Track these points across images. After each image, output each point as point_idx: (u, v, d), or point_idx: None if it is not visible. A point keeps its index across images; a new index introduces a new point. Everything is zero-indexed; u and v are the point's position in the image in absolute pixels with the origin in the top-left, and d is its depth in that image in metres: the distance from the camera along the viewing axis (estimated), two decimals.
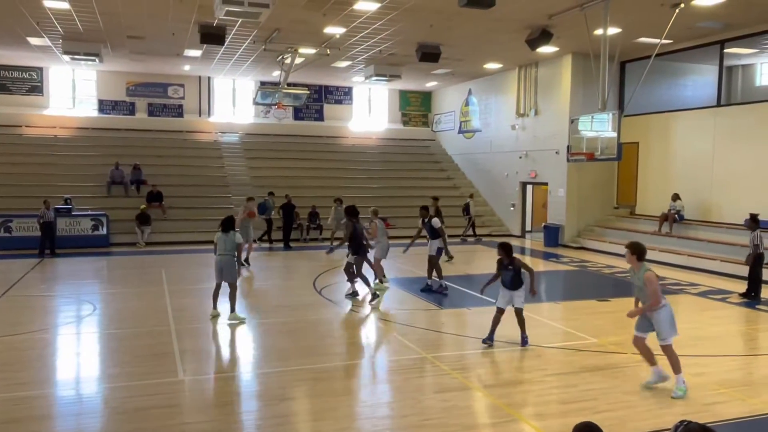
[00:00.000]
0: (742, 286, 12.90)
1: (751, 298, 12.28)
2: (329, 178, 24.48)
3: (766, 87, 18.77)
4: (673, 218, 17.66)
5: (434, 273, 12.69)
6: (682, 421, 2.86)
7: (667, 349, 6.92)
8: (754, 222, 12.28)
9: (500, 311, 8.77)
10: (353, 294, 12.04)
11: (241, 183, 23.79)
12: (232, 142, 26.44)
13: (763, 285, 12.57)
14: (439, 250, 12.58)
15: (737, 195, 16.47)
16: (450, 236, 15.47)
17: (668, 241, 17.55)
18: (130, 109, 25.81)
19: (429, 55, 18.55)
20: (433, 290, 12.53)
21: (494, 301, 9.06)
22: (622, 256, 16.50)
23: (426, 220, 12.76)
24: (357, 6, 14.47)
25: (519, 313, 8.73)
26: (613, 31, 15.51)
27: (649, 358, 7.15)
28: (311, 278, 14.11)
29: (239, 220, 14.57)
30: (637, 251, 6.99)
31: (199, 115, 26.61)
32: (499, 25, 15.95)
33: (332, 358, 8.36)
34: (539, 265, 17.53)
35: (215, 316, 10.19)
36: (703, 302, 12.33)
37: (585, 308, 11.77)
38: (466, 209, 22.53)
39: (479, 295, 9.83)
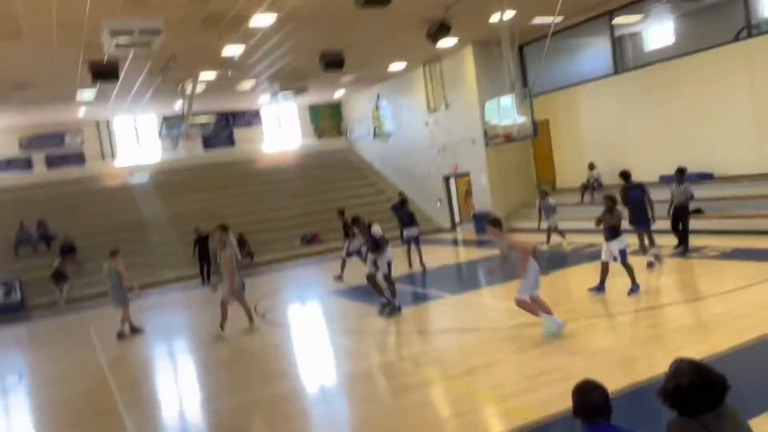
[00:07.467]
0: (666, 240, 13.12)
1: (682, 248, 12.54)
2: (251, 202, 23.83)
3: (654, 50, 19.71)
4: (592, 187, 18.23)
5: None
6: (676, 359, 2.84)
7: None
8: (681, 174, 12.52)
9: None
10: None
11: (159, 222, 22.76)
12: (143, 182, 25.26)
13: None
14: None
15: (647, 154, 17.16)
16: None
17: (592, 209, 18.01)
18: (26, 165, 24.23)
19: (333, 62, 18.33)
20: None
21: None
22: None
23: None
24: (252, 23, 14.12)
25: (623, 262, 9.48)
26: (508, 14, 15.82)
27: (544, 309, 7.79)
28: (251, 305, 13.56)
29: (124, 273, 11.78)
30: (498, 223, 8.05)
31: (103, 160, 25.32)
32: (398, 22, 15.97)
33: (290, 382, 7.97)
34: (474, 253, 17.67)
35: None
36: (637, 260, 12.66)
37: None
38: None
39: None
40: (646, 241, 11.80)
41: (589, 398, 2.77)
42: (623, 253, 9.45)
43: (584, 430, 2.76)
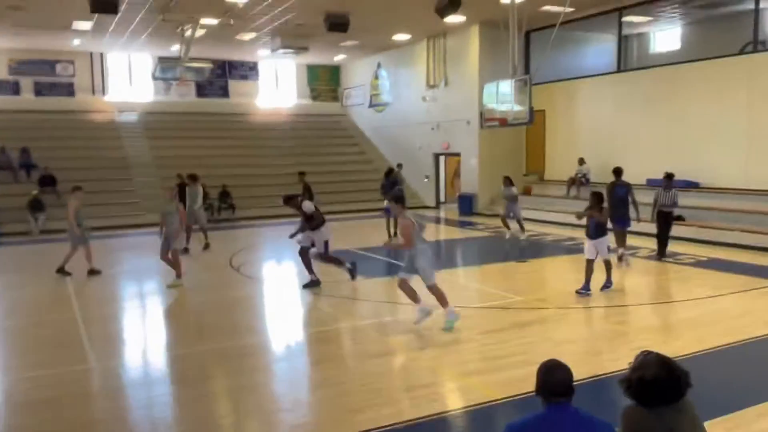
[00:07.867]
0: (647, 242, 13.11)
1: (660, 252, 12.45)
2: (239, 156, 23.59)
3: (658, 53, 19.69)
4: (580, 182, 18.30)
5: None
6: (642, 351, 2.86)
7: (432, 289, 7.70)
8: (669, 180, 12.22)
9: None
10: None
11: (143, 164, 22.48)
12: (131, 121, 24.91)
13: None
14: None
15: (637, 156, 17.21)
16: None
17: (577, 203, 18.11)
18: (14, 89, 23.70)
19: (337, 24, 18.06)
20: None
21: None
22: (535, 220, 17.01)
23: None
24: None
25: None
26: None
27: (414, 297, 7.79)
28: (227, 258, 13.53)
29: (73, 212, 11.61)
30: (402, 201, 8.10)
31: (93, 94, 24.85)
32: None
33: (253, 335, 7.98)
34: (456, 233, 17.71)
35: None
36: (615, 259, 12.77)
37: (506, 270, 11.95)
38: None
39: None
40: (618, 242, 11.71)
41: (554, 376, 2.79)
42: (609, 249, 9.51)
43: (545, 409, 2.77)
